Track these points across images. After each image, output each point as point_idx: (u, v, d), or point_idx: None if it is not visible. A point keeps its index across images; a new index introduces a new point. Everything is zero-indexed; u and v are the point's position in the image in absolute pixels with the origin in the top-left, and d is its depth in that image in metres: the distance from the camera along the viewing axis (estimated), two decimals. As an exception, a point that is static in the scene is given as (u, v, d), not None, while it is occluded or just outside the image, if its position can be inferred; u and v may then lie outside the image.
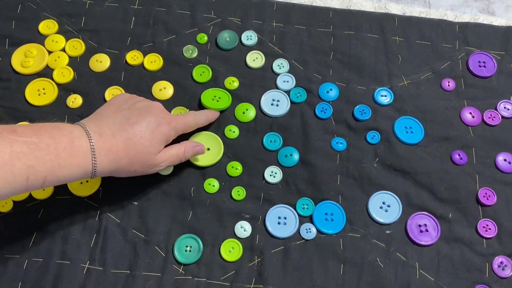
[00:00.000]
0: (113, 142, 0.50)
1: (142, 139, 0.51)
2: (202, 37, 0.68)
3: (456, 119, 0.65)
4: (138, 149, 0.51)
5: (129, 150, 0.50)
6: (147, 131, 0.52)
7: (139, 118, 0.52)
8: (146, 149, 0.52)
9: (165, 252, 0.56)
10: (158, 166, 0.54)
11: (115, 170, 0.51)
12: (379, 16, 0.71)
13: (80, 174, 0.48)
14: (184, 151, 0.56)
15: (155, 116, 0.53)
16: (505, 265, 0.57)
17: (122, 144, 0.50)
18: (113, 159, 0.50)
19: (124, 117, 0.52)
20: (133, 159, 0.51)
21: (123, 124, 0.51)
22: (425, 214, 0.59)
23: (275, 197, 0.60)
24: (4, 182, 0.42)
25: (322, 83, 0.66)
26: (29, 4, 0.70)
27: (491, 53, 0.69)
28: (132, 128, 0.51)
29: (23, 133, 0.44)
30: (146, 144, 0.51)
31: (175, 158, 0.56)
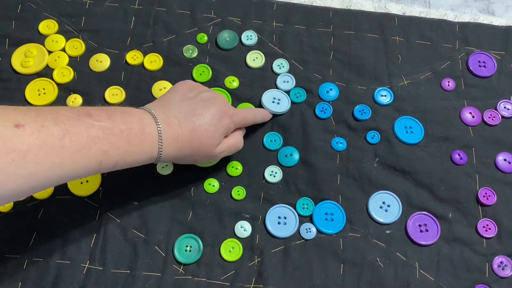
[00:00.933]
0: (179, 132, 0.51)
1: (206, 131, 0.52)
2: (202, 37, 0.69)
3: (456, 119, 0.65)
4: (202, 141, 0.52)
5: (193, 141, 0.52)
6: (211, 123, 0.52)
7: (204, 109, 0.53)
8: (209, 141, 0.53)
9: (165, 252, 0.56)
10: (217, 156, 0.56)
11: (178, 158, 0.52)
12: (379, 16, 0.71)
13: (146, 159, 0.49)
14: (241, 141, 0.59)
15: (218, 108, 0.54)
16: (505, 265, 0.57)
17: (187, 134, 0.51)
18: (178, 148, 0.51)
19: (190, 107, 0.52)
20: (196, 150, 0.52)
21: (189, 114, 0.52)
22: (425, 214, 0.59)
23: (275, 197, 0.60)
24: (80, 165, 0.43)
25: (322, 83, 0.66)
26: (29, 4, 0.70)
27: (491, 53, 0.69)
28: (197, 119, 0.52)
29: (98, 117, 0.45)
30: (209, 136, 0.52)
31: (233, 148, 0.57)
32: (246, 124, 0.60)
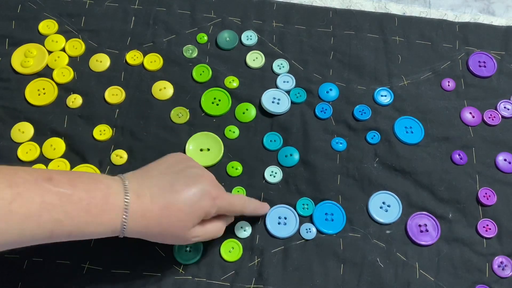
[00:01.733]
0: (149, 207, 0.45)
1: (179, 211, 0.47)
2: (202, 37, 0.69)
3: (456, 119, 0.65)
4: (172, 221, 0.47)
5: (162, 220, 0.46)
6: (187, 203, 0.47)
7: (184, 186, 0.47)
8: (181, 223, 0.47)
9: (165, 252, 0.56)
10: (190, 240, 0.49)
11: (145, 236, 0.47)
12: (379, 16, 0.71)
13: (106, 232, 0.45)
14: (220, 230, 0.52)
15: (201, 188, 0.48)
16: (505, 265, 0.57)
17: (158, 212, 0.46)
18: (145, 225, 0.46)
19: (169, 181, 0.47)
20: (165, 231, 0.47)
21: (165, 189, 0.47)
22: (425, 214, 0.59)
23: (275, 197, 0.60)
24: (28, 233, 0.40)
25: (322, 83, 0.66)
26: (29, 4, 0.70)
27: (491, 53, 0.69)
28: (173, 196, 0.46)
29: (58, 182, 0.42)
30: (182, 217, 0.47)
31: (210, 235, 0.51)
32: (232, 212, 0.53)
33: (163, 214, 0.46)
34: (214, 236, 0.52)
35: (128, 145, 0.62)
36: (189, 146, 0.61)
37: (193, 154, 0.61)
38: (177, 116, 0.64)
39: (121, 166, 0.61)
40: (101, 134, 0.62)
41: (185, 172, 0.49)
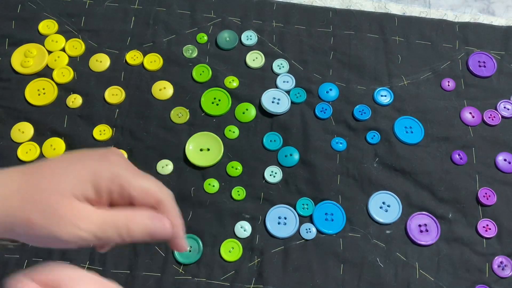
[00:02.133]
0: (6, 175, 0.34)
1: (50, 168, 0.34)
2: (202, 37, 0.68)
3: (456, 119, 0.65)
4: (39, 181, 0.33)
5: (25, 181, 0.33)
6: (63, 159, 0.35)
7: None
8: (53, 183, 0.33)
9: (165, 252, 0.56)
10: (73, 227, 0.32)
11: (3, 215, 0.32)
12: (379, 16, 0.71)
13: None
14: (128, 222, 0.33)
15: (90, 150, 0.37)
16: (505, 265, 0.57)
17: (17, 174, 0.34)
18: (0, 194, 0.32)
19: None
20: (30, 197, 0.32)
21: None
22: (425, 214, 0.59)
23: (275, 197, 0.60)
24: None
25: (322, 83, 0.66)
26: (29, 4, 0.70)
27: (491, 53, 0.69)
28: (42, 161, 0.35)
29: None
30: (54, 173, 0.33)
31: (110, 227, 0.33)
32: (140, 191, 0.35)
33: (25, 174, 0.34)
34: (118, 233, 0.33)
35: (128, 145, 0.62)
36: (189, 146, 0.61)
37: (193, 154, 0.61)
38: (177, 116, 0.64)
39: (121, 166, 0.61)
40: (101, 134, 0.62)
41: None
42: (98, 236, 0.33)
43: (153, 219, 0.34)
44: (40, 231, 0.32)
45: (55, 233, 0.32)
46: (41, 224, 0.32)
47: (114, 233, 0.33)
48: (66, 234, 0.32)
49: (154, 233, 0.34)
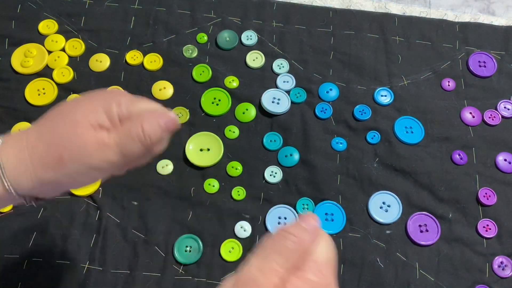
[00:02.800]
0: (23, 133, 0.35)
1: (64, 105, 0.36)
2: (202, 36, 0.68)
3: (456, 119, 0.64)
4: (58, 119, 0.35)
5: (44, 128, 0.35)
6: (70, 102, 0.36)
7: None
8: (70, 117, 0.35)
9: (165, 252, 0.56)
10: (101, 152, 0.34)
11: (33, 167, 0.34)
12: (379, 16, 0.71)
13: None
14: (143, 128, 0.35)
15: (92, 91, 0.38)
16: (505, 265, 0.57)
17: (35, 126, 0.35)
18: (21, 148, 0.34)
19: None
20: (53, 138, 0.34)
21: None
22: (425, 214, 0.59)
23: (275, 197, 0.60)
24: None
25: (322, 83, 0.66)
26: (29, 4, 0.70)
27: (491, 53, 0.69)
28: (49, 110, 0.36)
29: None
30: (68, 109, 0.35)
31: (131, 138, 0.35)
32: (138, 107, 0.37)
33: (44, 121, 0.36)
34: (138, 140, 0.35)
35: (128, 145, 0.62)
36: (189, 146, 0.61)
37: (193, 154, 0.61)
38: (177, 116, 0.64)
39: (121, 166, 0.61)
40: (101, 134, 0.62)
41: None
42: (125, 152, 0.35)
43: (160, 115, 0.36)
44: (72, 166, 0.34)
45: (86, 163, 0.34)
46: (72, 158, 0.34)
47: (136, 141, 0.35)
48: (97, 160, 0.34)
49: (167, 126, 0.36)
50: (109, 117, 0.35)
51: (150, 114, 0.36)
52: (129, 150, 0.35)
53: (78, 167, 0.34)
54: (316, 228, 0.33)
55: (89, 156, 0.34)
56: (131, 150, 0.35)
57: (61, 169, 0.34)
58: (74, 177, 0.35)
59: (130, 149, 0.35)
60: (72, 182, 0.35)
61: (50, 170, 0.34)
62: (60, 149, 0.34)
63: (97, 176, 0.36)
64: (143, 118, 0.35)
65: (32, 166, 0.34)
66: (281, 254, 0.31)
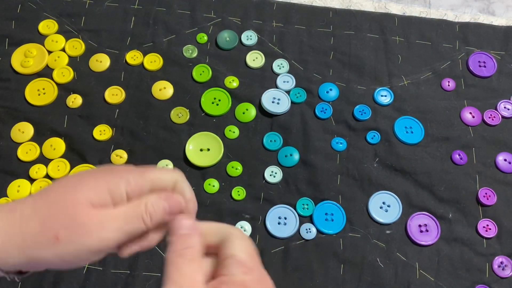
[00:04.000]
0: (17, 204, 0.33)
1: (65, 181, 0.34)
2: (202, 37, 0.68)
3: (456, 119, 0.65)
4: (58, 195, 0.33)
5: (40, 202, 0.33)
6: (71, 177, 0.34)
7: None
8: (70, 194, 0.32)
9: (165, 252, 0.56)
10: (100, 231, 0.32)
11: (23, 245, 0.31)
12: (379, 16, 0.71)
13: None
14: (146, 208, 0.34)
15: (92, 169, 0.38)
16: (505, 265, 0.57)
17: (31, 199, 0.33)
18: (15, 222, 0.32)
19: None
20: (50, 215, 0.32)
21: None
22: (425, 214, 0.59)
23: (275, 197, 0.60)
24: None
25: (322, 83, 0.66)
26: (29, 4, 0.70)
27: (491, 53, 0.69)
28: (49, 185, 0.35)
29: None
30: (69, 185, 0.33)
31: (133, 217, 0.33)
32: (153, 183, 0.35)
33: (40, 195, 0.33)
34: (139, 221, 0.33)
35: (128, 145, 0.62)
36: (189, 146, 0.61)
37: (193, 154, 0.61)
38: (177, 116, 0.64)
39: (121, 166, 0.61)
40: (101, 134, 0.62)
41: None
42: (125, 230, 0.33)
43: (166, 197, 0.35)
44: (67, 246, 0.32)
45: (84, 244, 0.32)
46: (69, 239, 0.31)
47: (138, 220, 0.33)
48: (95, 240, 0.32)
49: (171, 209, 0.35)
50: (113, 197, 0.33)
51: (155, 197, 0.34)
52: (131, 228, 0.33)
53: (74, 248, 0.32)
54: (191, 225, 0.34)
55: (87, 235, 0.32)
56: (133, 227, 0.33)
57: (55, 249, 0.31)
58: (66, 259, 0.32)
59: (133, 227, 0.33)
60: (63, 263, 0.33)
61: (42, 250, 0.31)
62: (56, 227, 0.31)
63: (90, 259, 0.33)
64: (149, 200, 0.34)
65: (23, 243, 0.31)
66: (190, 272, 0.31)
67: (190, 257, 0.32)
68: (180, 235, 0.33)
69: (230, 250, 0.33)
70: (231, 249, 0.33)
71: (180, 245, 0.33)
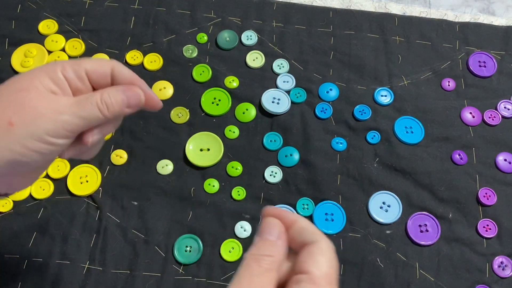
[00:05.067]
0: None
1: (10, 79, 0.35)
2: (202, 36, 0.68)
3: (456, 119, 0.64)
4: (4, 88, 0.34)
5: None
6: (21, 73, 0.35)
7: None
8: (16, 85, 0.33)
9: (165, 252, 0.56)
10: (56, 115, 0.33)
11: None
12: (379, 16, 0.71)
13: None
14: (102, 96, 0.34)
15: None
16: (505, 265, 0.57)
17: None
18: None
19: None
20: (2, 103, 0.32)
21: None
22: (425, 214, 0.59)
23: (275, 197, 0.60)
24: None
25: (322, 83, 0.66)
26: (29, 4, 0.70)
27: (491, 53, 0.69)
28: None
29: None
30: (15, 79, 0.34)
31: (89, 103, 0.34)
32: (100, 69, 0.36)
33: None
34: (94, 108, 0.34)
35: (128, 145, 0.62)
36: (189, 146, 0.61)
37: (193, 154, 0.61)
38: (177, 116, 0.64)
39: (121, 166, 0.61)
40: (101, 134, 0.62)
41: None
42: (81, 115, 0.33)
43: (124, 89, 0.35)
44: (23, 131, 0.32)
45: (39, 126, 0.32)
46: (22, 123, 0.32)
47: (94, 108, 0.34)
48: (51, 122, 0.32)
49: (129, 102, 0.35)
50: (55, 82, 0.34)
51: (113, 89, 0.35)
52: (87, 115, 0.34)
53: (31, 132, 0.32)
54: (281, 232, 0.32)
55: (41, 118, 0.32)
56: (89, 115, 0.34)
57: (12, 136, 0.31)
58: (28, 146, 0.32)
59: (88, 114, 0.34)
60: (26, 153, 0.32)
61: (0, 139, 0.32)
62: (8, 113, 0.32)
63: (53, 146, 0.33)
64: (106, 92, 0.35)
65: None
66: (262, 282, 0.29)
67: (267, 266, 0.30)
68: (265, 240, 0.32)
69: (308, 266, 0.30)
70: (309, 265, 0.30)
71: (262, 251, 0.31)
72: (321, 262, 0.30)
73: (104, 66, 0.36)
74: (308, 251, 0.31)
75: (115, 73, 0.36)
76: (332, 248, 0.31)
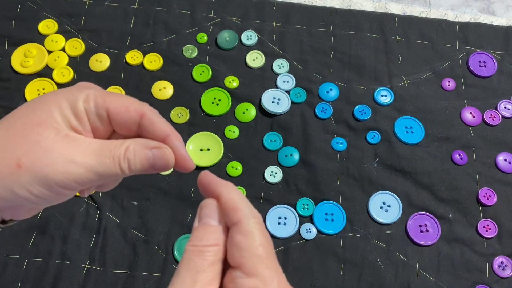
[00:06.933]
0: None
1: (26, 104, 0.31)
2: (202, 36, 0.68)
3: (456, 119, 0.64)
4: (18, 118, 0.30)
5: (1, 127, 0.30)
6: (31, 101, 0.31)
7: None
8: (32, 116, 0.29)
9: (165, 252, 0.56)
10: (67, 162, 0.28)
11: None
12: (379, 16, 0.71)
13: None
14: (126, 151, 0.29)
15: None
16: (505, 265, 0.57)
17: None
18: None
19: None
20: (8, 141, 0.28)
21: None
22: (425, 214, 0.59)
23: (275, 197, 0.60)
24: None
25: (322, 83, 0.66)
26: (29, 4, 0.70)
27: (492, 53, 0.69)
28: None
29: None
30: (31, 106, 0.30)
31: (108, 158, 0.29)
32: (123, 111, 0.30)
33: (3, 123, 0.31)
34: (114, 163, 0.29)
35: (128, 145, 0.62)
36: (189, 146, 0.61)
37: (193, 154, 0.61)
38: (177, 116, 0.64)
39: (121, 166, 0.61)
40: (101, 134, 0.62)
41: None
42: (97, 171, 0.28)
43: (152, 147, 0.30)
44: (30, 178, 0.27)
45: (49, 178, 0.27)
46: (32, 169, 0.27)
47: (114, 165, 0.29)
48: (62, 176, 0.28)
49: (155, 164, 0.30)
50: (76, 115, 0.29)
51: (138, 144, 0.30)
52: (104, 171, 0.29)
53: (38, 178, 0.28)
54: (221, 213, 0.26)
55: (53, 166, 0.28)
56: (106, 171, 0.29)
57: (19, 178, 0.28)
58: (33, 192, 0.28)
59: (106, 170, 0.29)
60: (30, 198, 0.29)
61: (6, 180, 0.28)
62: (18, 153, 0.28)
63: (60, 195, 0.30)
64: (130, 145, 0.29)
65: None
66: (208, 278, 0.25)
67: (212, 258, 0.26)
68: (206, 226, 0.27)
69: (240, 258, 0.26)
70: (241, 256, 0.26)
71: (205, 240, 0.27)
72: (250, 250, 0.26)
73: (131, 112, 0.30)
74: (235, 243, 0.26)
75: (144, 122, 0.30)
76: (258, 219, 0.27)
